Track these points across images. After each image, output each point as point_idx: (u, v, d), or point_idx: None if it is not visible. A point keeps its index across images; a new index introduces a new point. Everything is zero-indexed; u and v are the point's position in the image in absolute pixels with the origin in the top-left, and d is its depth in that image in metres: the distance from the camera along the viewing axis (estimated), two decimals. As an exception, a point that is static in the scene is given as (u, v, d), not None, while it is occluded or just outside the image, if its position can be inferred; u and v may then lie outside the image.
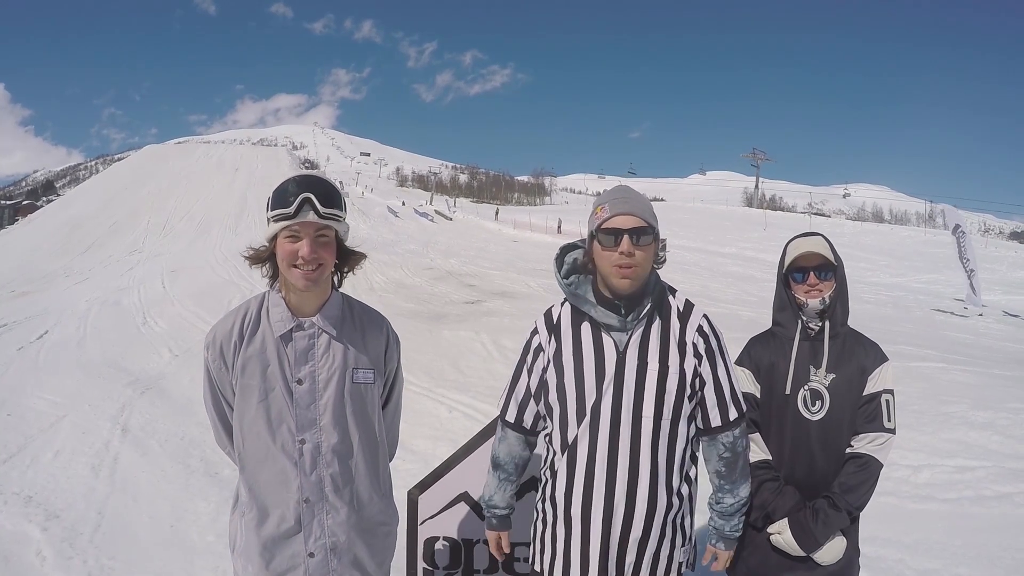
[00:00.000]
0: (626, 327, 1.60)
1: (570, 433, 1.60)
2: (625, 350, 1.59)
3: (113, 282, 19.41)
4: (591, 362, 1.59)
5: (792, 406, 1.86)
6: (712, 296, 15.04)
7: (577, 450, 1.59)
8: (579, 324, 1.64)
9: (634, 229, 1.56)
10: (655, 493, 1.58)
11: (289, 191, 1.51)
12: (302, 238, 1.52)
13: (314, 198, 1.50)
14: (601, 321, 1.60)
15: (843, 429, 1.84)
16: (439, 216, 48.48)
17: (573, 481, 1.60)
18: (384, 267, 17.91)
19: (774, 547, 1.84)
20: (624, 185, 1.71)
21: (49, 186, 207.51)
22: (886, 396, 1.83)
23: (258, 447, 1.58)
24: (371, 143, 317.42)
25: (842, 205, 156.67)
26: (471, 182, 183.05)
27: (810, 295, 1.85)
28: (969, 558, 3.31)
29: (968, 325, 12.35)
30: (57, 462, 4.58)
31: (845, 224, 47.19)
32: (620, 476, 1.56)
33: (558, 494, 1.63)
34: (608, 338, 1.60)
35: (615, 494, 1.56)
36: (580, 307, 1.63)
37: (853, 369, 1.85)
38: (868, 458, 1.80)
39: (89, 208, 56.42)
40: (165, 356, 8.39)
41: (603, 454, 1.57)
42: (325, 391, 1.59)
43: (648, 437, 1.57)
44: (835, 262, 1.87)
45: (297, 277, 1.53)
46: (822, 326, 1.86)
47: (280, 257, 1.54)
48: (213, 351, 1.60)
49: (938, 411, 5.70)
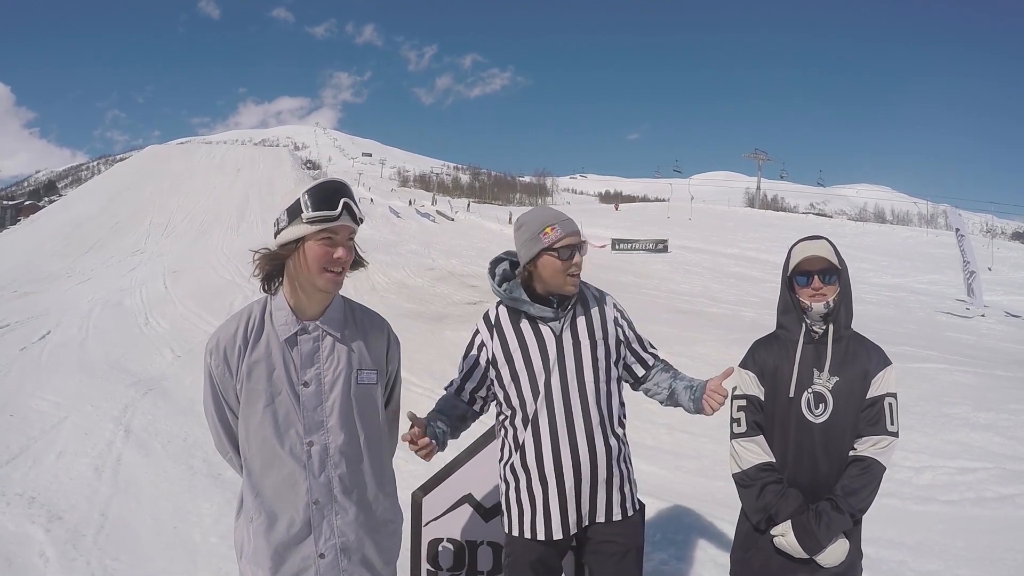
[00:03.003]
0: (558, 316, 1.92)
1: (529, 409, 1.90)
2: (561, 334, 1.92)
3: (115, 282, 19.45)
4: (535, 349, 1.91)
5: (796, 409, 1.87)
6: (714, 297, 15.03)
7: (539, 421, 1.89)
8: (517, 322, 1.95)
9: (582, 243, 1.93)
10: (607, 441, 1.92)
11: (329, 194, 1.53)
12: (338, 242, 1.54)
13: (353, 204, 1.55)
14: (537, 315, 1.92)
15: (846, 432, 1.84)
16: (441, 216, 48.53)
17: (541, 446, 1.89)
18: (386, 267, 17.92)
19: (777, 549, 1.85)
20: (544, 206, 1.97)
21: (51, 186, 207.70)
22: (889, 399, 1.84)
23: (265, 451, 1.58)
24: (372, 143, 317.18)
25: (845, 206, 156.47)
26: (473, 182, 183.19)
27: (814, 299, 1.86)
28: (971, 559, 3.31)
29: (970, 326, 12.34)
30: (60, 463, 4.59)
31: (847, 224, 47.15)
32: (579, 433, 1.88)
33: (529, 460, 1.91)
34: (546, 327, 1.92)
35: (579, 449, 1.88)
36: (519, 307, 1.93)
37: (856, 372, 1.85)
38: (871, 461, 1.80)
39: (91, 208, 56.48)
40: (167, 357, 8.41)
41: (562, 419, 1.88)
42: (331, 393, 1.60)
43: (592, 398, 1.90)
44: (839, 266, 1.88)
45: (328, 280, 1.55)
46: (826, 329, 1.88)
47: (310, 259, 1.54)
48: (216, 356, 1.59)
49: (940, 412, 5.70)
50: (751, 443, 1.91)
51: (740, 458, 1.92)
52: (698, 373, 2.13)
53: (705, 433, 5.36)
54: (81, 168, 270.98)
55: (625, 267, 21.43)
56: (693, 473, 4.68)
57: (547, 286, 1.91)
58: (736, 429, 1.94)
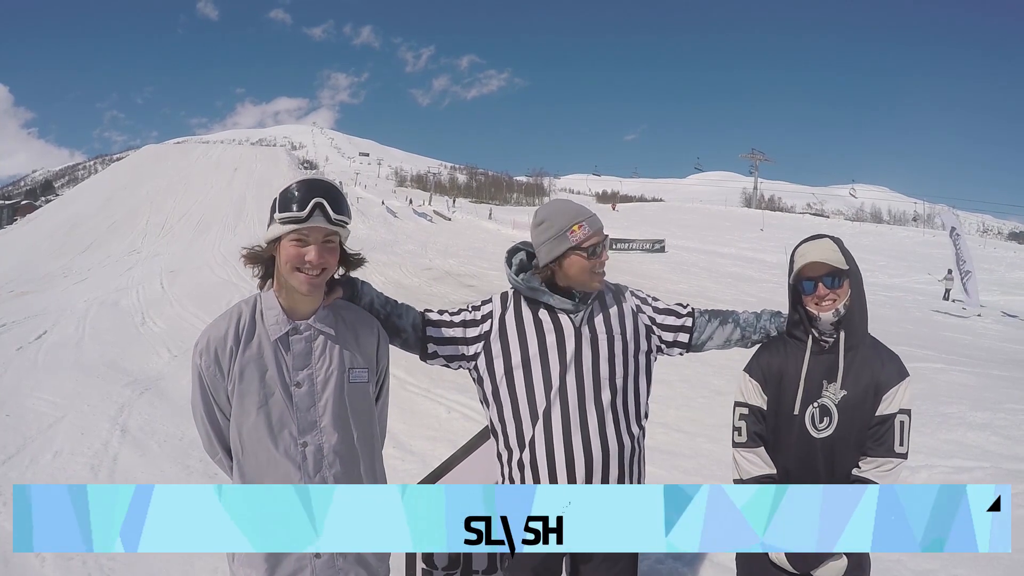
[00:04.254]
0: (578, 309, 1.85)
1: (540, 404, 1.80)
2: (581, 326, 1.84)
3: (112, 282, 19.39)
4: (553, 339, 1.82)
5: (799, 423, 1.78)
6: (710, 296, 15.05)
7: (551, 417, 1.79)
8: (536, 310, 1.87)
9: (607, 239, 1.89)
10: (621, 439, 1.81)
11: (301, 195, 1.50)
12: (310, 243, 1.52)
13: (326, 204, 1.51)
14: (558, 307, 1.85)
15: (849, 449, 1.74)
16: (437, 216, 48.48)
17: (552, 444, 1.78)
18: (383, 267, 17.90)
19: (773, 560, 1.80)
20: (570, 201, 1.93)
21: (48, 186, 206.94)
22: (901, 417, 1.72)
23: (259, 453, 1.57)
24: (370, 143, 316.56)
25: (841, 206, 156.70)
26: (470, 182, 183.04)
27: (822, 307, 1.72)
28: (967, 559, 3.31)
29: (966, 325, 12.37)
30: (56, 463, 4.58)
31: (844, 225, 47.23)
32: (592, 431, 1.78)
33: (539, 458, 1.80)
34: (565, 318, 1.84)
35: (592, 448, 1.78)
36: (537, 298, 1.86)
37: (867, 386, 1.73)
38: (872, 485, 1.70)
39: (88, 208, 56.33)
40: (164, 356, 8.39)
41: (575, 417, 1.78)
42: (323, 393, 1.59)
43: (608, 395, 1.81)
44: (847, 266, 1.74)
45: (301, 281, 1.53)
46: (837, 337, 1.75)
47: (283, 260, 1.53)
48: (207, 357, 1.56)
49: (936, 412, 5.72)
50: (752, 454, 1.85)
51: (741, 468, 1.87)
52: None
53: (702, 433, 5.37)
54: (78, 168, 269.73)
55: (622, 267, 21.43)
56: (690, 473, 4.68)
57: (571, 282, 1.84)
58: (737, 439, 1.87)
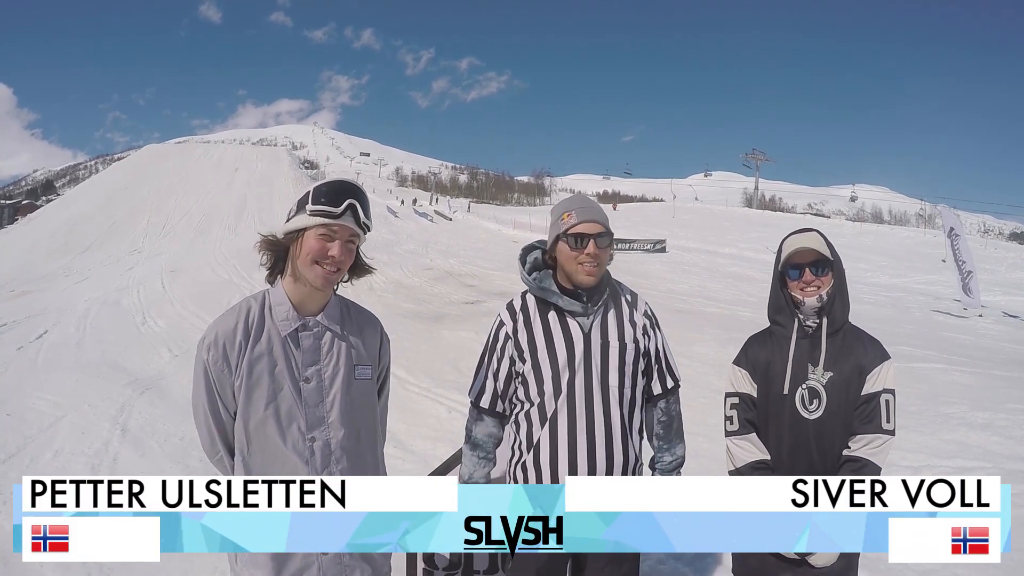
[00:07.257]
0: (588, 312, 1.84)
1: (548, 407, 1.81)
2: (589, 331, 1.83)
3: (113, 282, 19.40)
4: (561, 343, 1.83)
5: (790, 405, 1.84)
6: (711, 296, 15.06)
7: (558, 420, 1.80)
8: (545, 313, 1.87)
9: (597, 234, 1.82)
10: (626, 450, 1.82)
11: (336, 192, 1.56)
12: (335, 239, 1.55)
13: (358, 206, 1.57)
14: (567, 308, 1.84)
15: (840, 429, 1.82)
16: (439, 216, 48.50)
17: (558, 447, 1.79)
18: (384, 267, 17.90)
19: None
20: (582, 194, 1.87)
21: (49, 186, 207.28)
22: (886, 396, 1.80)
23: (267, 449, 1.57)
24: (371, 143, 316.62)
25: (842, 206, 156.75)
26: (471, 182, 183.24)
27: (806, 292, 1.83)
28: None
29: (967, 326, 12.37)
30: (56, 462, 4.58)
31: (844, 225, 47.21)
32: (598, 439, 1.79)
33: (543, 461, 1.81)
34: (574, 322, 1.84)
35: (596, 453, 1.78)
36: (547, 299, 1.86)
37: (851, 367, 1.82)
38: (864, 462, 1.77)
39: (89, 208, 56.35)
40: (164, 356, 8.40)
41: (582, 423, 1.79)
42: (331, 388, 1.61)
43: (616, 402, 1.81)
44: (831, 257, 1.85)
45: (318, 275, 1.56)
46: (820, 323, 1.85)
47: (304, 252, 1.56)
48: (215, 352, 1.56)
49: (937, 412, 5.72)
50: (744, 441, 1.90)
51: (734, 456, 1.92)
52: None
53: (701, 432, 5.35)
54: (79, 167, 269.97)
55: (623, 267, 21.44)
56: (690, 473, 4.68)
57: (566, 275, 1.85)
58: (729, 427, 1.93)
